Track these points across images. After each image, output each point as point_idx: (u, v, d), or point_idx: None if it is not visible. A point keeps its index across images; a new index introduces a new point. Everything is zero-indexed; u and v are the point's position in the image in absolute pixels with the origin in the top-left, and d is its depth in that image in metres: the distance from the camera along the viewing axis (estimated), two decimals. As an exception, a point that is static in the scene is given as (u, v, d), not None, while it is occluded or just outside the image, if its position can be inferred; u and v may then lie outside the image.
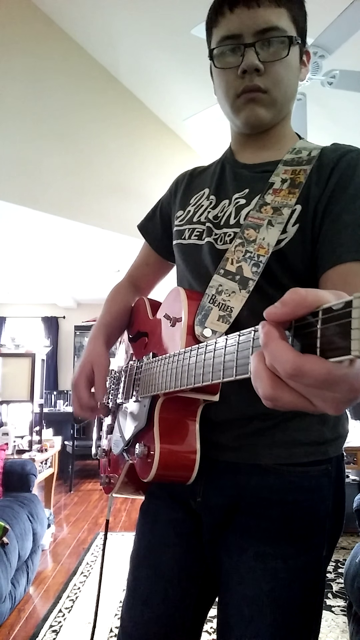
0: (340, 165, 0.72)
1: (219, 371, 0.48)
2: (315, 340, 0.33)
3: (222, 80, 0.77)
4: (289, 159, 0.77)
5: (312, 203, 0.71)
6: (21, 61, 3.20)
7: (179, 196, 0.91)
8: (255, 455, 0.72)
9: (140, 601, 0.79)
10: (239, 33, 0.72)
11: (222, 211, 0.79)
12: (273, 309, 0.35)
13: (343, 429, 0.77)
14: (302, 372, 0.33)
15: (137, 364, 0.80)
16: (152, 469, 0.67)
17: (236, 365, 0.45)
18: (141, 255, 1.05)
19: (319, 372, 0.32)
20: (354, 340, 0.30)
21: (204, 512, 0.78)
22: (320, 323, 0.33)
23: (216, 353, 0.50)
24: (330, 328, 0.32)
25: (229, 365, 0.46)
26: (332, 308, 0.32)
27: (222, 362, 0.48)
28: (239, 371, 0.44)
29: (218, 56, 0.76)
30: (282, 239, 0.70)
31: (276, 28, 0.72)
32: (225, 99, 0.78)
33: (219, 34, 0.75)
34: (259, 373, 0.36)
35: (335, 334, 0.32)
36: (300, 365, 0.33)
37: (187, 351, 0.58)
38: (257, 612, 0.68)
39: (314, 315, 0.34)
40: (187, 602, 0.79)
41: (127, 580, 0.83)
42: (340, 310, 0.31)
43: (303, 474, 0.72)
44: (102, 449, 0.96)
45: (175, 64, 3.37)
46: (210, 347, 0.51)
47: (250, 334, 0.43)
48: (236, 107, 0.77)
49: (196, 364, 0.55)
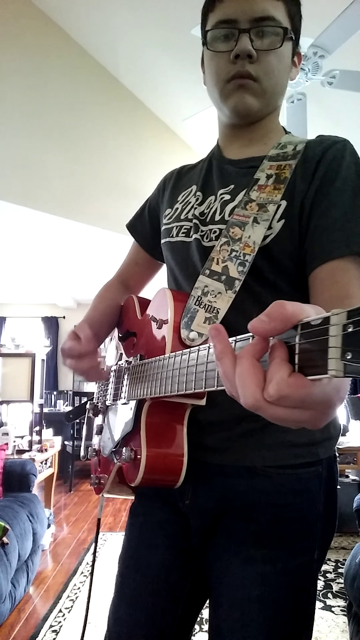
0: (326, 158, 0.70)
1: (201, 380, 0.48)
2: (294, 356, 0.33)
3: (214, 65, 0.75)
4: (274, 154, 0.75)
5: (298, 198, 0.69)
6: (21, 61, 3.20)
7: (167, 194, 0.90)
8: (244, 458, 0.71)
9: (126, 602, 0.77)
10: (234, 18, 0.72)
11: (208, 207, 0.78)
12: (259, 323, 0.35)
13: (334, 430, 0.75)
14: (283, 396, 0.33)
15: (125, 366, 0.79)
16: (139, 474, 0.66)
17: (217, 376, 0.44)
18: (130, 254, 1.03)
19: (298, 394, 0.32)
20: (330, 360, 0.29)
21: (192, 514, 0.76)
22: (298, 338, 0.32)
23: (199, 361, 0.49)
24: (308, 344, 0.31)
25: (210, 375, 0.46)
26: (311, 323, 0.31)
27: (205, 370, 0.47)
28: (221, 382, 0.43)
29: (211, 40, 0.75)
30: (268, 235, 0.69)
31: (272, 18, 0.72)
32: (214, 83, 0.76)
33: (215, 18, 0.74)
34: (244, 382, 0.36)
35: (313, 351, 0.31)
36: (282, 388, 0.33)
37: (171, 357, 0.58)
38: (247, 617, 0.66)
39: (294, 329, 0.33)
40: (174, 604, 0.77)
41: (115, 582, 0.82)
42: (319, 326, 0.30)
43: (292, 476, 0.70)
44: (93, 448, 0.96)
45: (175, 64, 3.37)
46: (194, 354, 0.50)
47: (232, 343, 0.41)
48: (225, 93, 0.75)
49: (180, 370, 0.54)
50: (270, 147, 0.78)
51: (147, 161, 3.90)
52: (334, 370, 0.28)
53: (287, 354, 0.34)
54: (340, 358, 0.28)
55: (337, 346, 0.28)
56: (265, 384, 0.34)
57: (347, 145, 0.71)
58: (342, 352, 0.28)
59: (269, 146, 0.78)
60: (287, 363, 0.33)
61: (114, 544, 3.19)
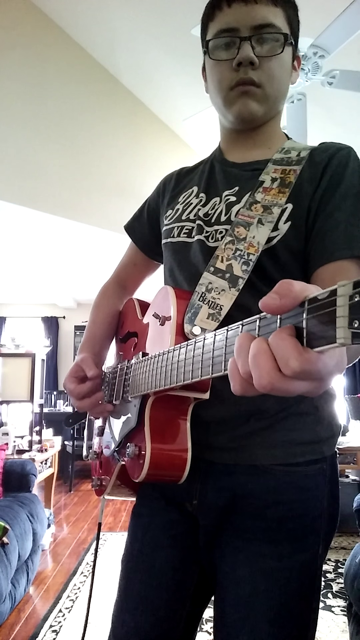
0: (332, 164, 0.73)
1: (208, 367, 0.48)
2: (302, 330, 0.34)
3: (216, 73, 0.77)
4: (279, 158, 0.77)
5: (305, 201, 0.72)
6: (21, 61, 3.20)
7: (167, 196, 0.91)
8: (251, 456, 0.72)
9: (133, 605, 0.77)
10: (235, 27, 0.73)
11: (212, 209, 0.79)
12: (270, 300, 0.36)
13: (337, 427, 0.77)
14: (304, 370, 0.34)
15: (126, 364, 0.80)
16: (144, 469, 0.67)
17: (224, 360, 0.45)
18: (128, 255, 1.04)
19: (316, 367, 0.34)
20: (339, 329, 0.30)
21: (201, 514, 0.77)
22: (306, 313, 0.34)
23: (205, 349, 0.49)
24: (315, 318, 0.33)
25: (217, 360, 0.46)
26: (318, 298, 0.33)
27: (211, 357, 0.48)
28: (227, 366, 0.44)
29: (213, 49, 0.76)
30: (274, 236, 0.71)
31: (272, 25, 0.73)
32: (218, 91, 0.78)
33: (216, 27, 0.76)
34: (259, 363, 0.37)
35: (322, 323, 0.32)
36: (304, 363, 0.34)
37: (175, 348, 0.58)
38: (254, 611, 0.67)
39: (301, 305, 0.35)
40: (180, 604, 0.78)
41: (119, 584, 0.82)
42: (325, 299, 0.32)
43: (299, 474, 0.72)
44: (93, 450, 0.95)
45: (176, 64, 3.37)
46: (199, 343, 0.51)
47: (237, 329, 0.43)
48: (229, 100, 0.77)
49: (185, 360, 0.54)
50: (274, 151, 0.79)
51: (147, 161, 3.90)
52: (342, 338, 0.30)
53: (294, 331, 0.35)
54: (348, 326, 0.30)
55: (345, 315, 0.30)
56: (277, 362, 0.36)
57: (351, 153, 0.75)
58: (349, 320, 0.30)
59: (272, 150, 0.80)
60: (295, 338, 0.35)
61: (114, 544, 3.19)
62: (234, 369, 0.40)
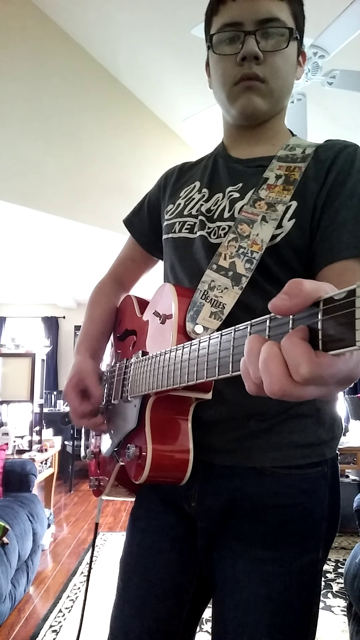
0: (338, 161, 0.71)
1: (214, 368, 0.46)
2: (317, 332, 0.32)
3: (220, 68, 0.76)
4: (283, 155, 0.76)
5: (310, 198, 0.70)
6: (21, 61, 3.20)
7: (169, 191, 0.89)
8: (252, 459, 0.70)
9: (132, 608, 0.76)
10: (240, 21, 0.72)
11: (215, 204, 0.78)
12: (280, 301, 0.34)
13: (338, 429, 0.76)
14: (315, 376, 0.33)
15: (126, 363, 0.78)
16: (145, 471, 0.65)
17: (232, 362, 0.43)
18: (126, 250, 1.02)
19: (328, 372, 0.32)
20: (358, 331, 0.29)
21: (199, 516, 0.75)
22: (321, 314, 0.32)
23: (210, 349, 0.47)
24: (332, 319, 0.31)
25: (224, 361, 0.45)
26: (334, 298, 0.31)
27: (217, 357, 0.46)
28: (235, 367, 0.42)
29: (217, 43, 0.75)
30: (278, 234, 0.69)
31: (277, 19, 0.72)
32: (221, 86, 0.76)
33: (220, 22, 0.74)
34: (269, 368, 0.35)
35: (338, 325, 0.31)
36: (317, 367, 0.32)
37: (179, 348, 0.56)
38: (253, 616, 0.66)
39: (315, 306, 0.33)
40: (180, 607, 0.77)
41: (117, 586, 0.81)
42: (343, 300, 0.31)
43: (300, 476, 0.70)
44: (91, 450, 0.94)
45: (176, 64, 3.37)
46: (204, 343, 0.49)
47: (245, 329, 0.41)
48: (233, 95, 0.75)
49: (189, 360, 0.52)
50: (278, 147, 0.78)
51: (146, 161, 3.90)
52: None
53: (307, 334, 0.33)
54: None
55: None
56: (288, 367, 0.34)
57: (357, 150, 0.73)
58: None
59: (277, 147, 0.79)
60: (307, 343, 0.33)
61: (114, 544, 3.19)
62: (246, 370, 0.38)
